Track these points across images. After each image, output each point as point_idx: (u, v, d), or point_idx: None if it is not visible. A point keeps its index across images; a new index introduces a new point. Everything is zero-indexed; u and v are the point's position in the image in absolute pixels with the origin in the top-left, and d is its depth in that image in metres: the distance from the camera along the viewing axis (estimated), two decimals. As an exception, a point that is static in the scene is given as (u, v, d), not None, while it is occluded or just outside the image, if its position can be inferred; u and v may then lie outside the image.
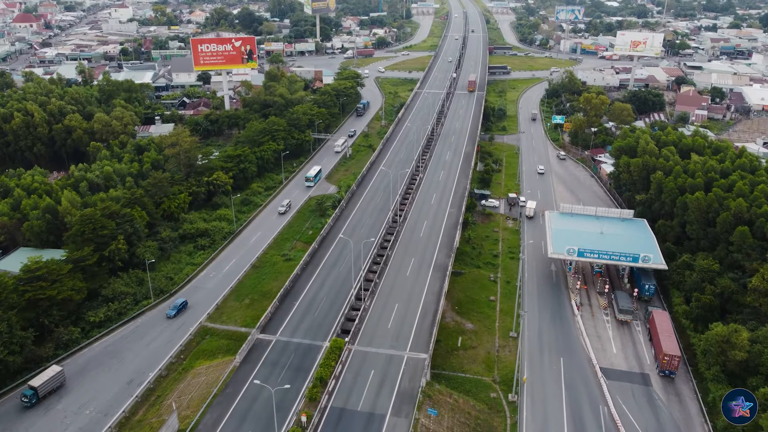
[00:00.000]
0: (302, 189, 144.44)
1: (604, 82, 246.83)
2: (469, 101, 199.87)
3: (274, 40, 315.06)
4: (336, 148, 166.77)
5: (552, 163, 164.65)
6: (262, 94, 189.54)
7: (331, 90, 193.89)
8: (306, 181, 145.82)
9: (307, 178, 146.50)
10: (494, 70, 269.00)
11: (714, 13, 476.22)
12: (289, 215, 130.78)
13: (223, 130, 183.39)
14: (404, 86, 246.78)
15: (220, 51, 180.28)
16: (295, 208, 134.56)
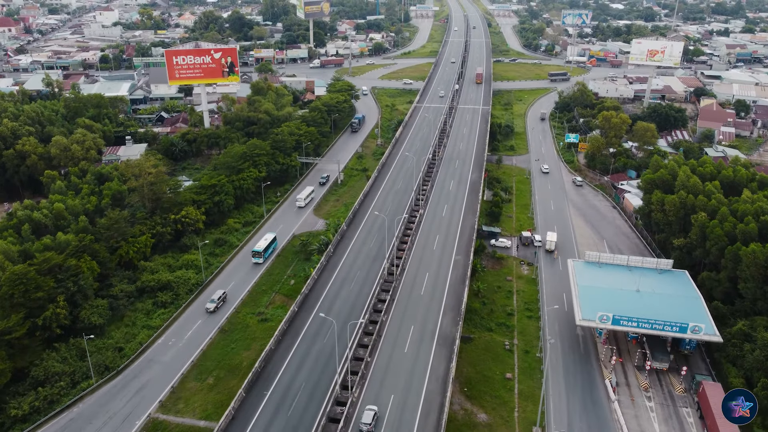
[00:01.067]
0: (286, 224, 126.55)
1: (618, 93, 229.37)
2: (473, 117, 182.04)
3: (264, 47, 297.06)
4: (298, 203, 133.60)
5: (568, 189, 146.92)
6: (245, 110, 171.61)
7: (322, 105, 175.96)
8: (253, 257, 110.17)
9: (254, 253, 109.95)
10: (555, 76, 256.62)
11: (724, 17, 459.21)
12: (269, 258, 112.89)
13: (201, 150, 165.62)
14: (402, 97, 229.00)
15: (197, 63, 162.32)
16: (278, 247, 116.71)
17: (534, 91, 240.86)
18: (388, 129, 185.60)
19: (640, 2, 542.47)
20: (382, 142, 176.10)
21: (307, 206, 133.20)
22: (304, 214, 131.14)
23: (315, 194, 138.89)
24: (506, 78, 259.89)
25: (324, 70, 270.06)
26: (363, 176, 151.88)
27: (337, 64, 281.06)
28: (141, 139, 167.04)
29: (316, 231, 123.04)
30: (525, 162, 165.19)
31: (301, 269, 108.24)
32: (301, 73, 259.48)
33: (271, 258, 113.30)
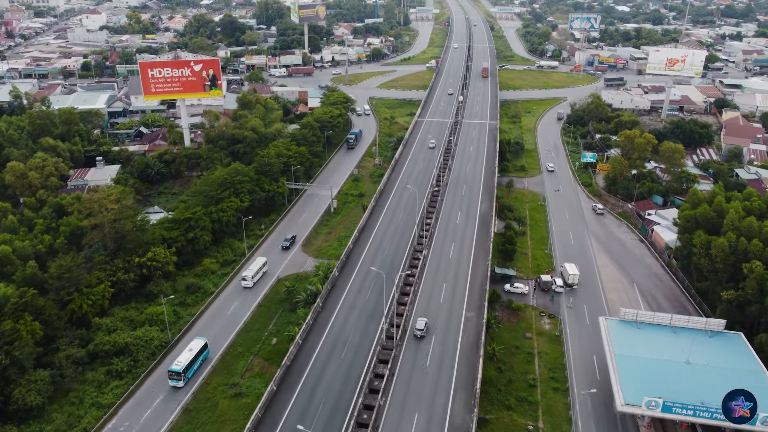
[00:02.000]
0: (270, 264, 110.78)
1: (633, 104, 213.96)
2: (480, 133, 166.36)
3: (256, 52, 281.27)
4: (245, 282, 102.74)
5: (587, 219, 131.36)
6: (230, 127, 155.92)
7: (314, 122, 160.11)
8: (170, 379, 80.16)
9: (171, 374, 79.92)
10: (611, 81, 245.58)
11: (734, 20, 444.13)
12: (248, 309, 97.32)
13: (181, 172, 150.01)
14: (402, 109, 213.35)
15: (175, 77, 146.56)
16: (260, 294, 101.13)
17: (542, 102, 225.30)
18: (386, 146, 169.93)
19: (646, 5, 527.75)
20: (380, 162, 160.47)
21: (256, 285, 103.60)
22: (291, 253, 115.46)
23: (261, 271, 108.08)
24: (512, 87, 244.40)
25: (318, 76, 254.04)
26: (359, 203, 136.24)
27: (306, 73, 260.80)
28: (114, 159, 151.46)
29: (304, 273, 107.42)
30: (538, 184, 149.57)
31: (286, 324, 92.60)
32: (295, 81, 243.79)
33: (253, 304, 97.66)
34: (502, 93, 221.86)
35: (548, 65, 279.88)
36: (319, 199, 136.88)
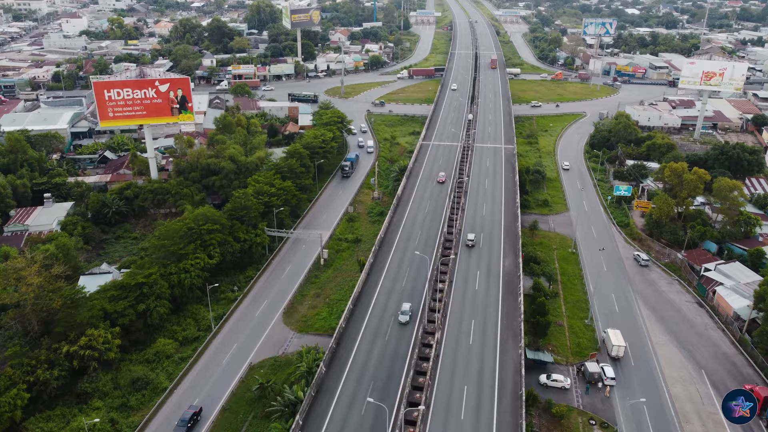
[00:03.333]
0: (241, 344, 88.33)
1: (662, 122, 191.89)
2: (495, 161, 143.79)
3: (244, 61, 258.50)
4: None
5: (630, 273, 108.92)
6: (204, 156, 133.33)
7: (303, 149, 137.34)
8: None
9: None
10: None
11: (751, 23, 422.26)
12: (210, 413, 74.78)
13: (145, 209, 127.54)
14: (404, 127, 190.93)
15: (137, 99, 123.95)
16: (226, 390, 78.62)
17: (560, 119, 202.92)
18: (387, 175, 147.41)
19: (656, 7, 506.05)
20: (379, 195, 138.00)
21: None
22: (269, 323, 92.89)
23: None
24: (524, 100, 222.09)
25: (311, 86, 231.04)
26: (354, 252, 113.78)
27: (253, 86, 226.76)
28: (67, 194, 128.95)
29: (284, 357, 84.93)
30: (565, 225, 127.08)
31: (257, 440, 70.11)
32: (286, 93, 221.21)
33: (214, 413, 75.06)
34: (514, 107, 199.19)
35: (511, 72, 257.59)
36: (306, 246, 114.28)
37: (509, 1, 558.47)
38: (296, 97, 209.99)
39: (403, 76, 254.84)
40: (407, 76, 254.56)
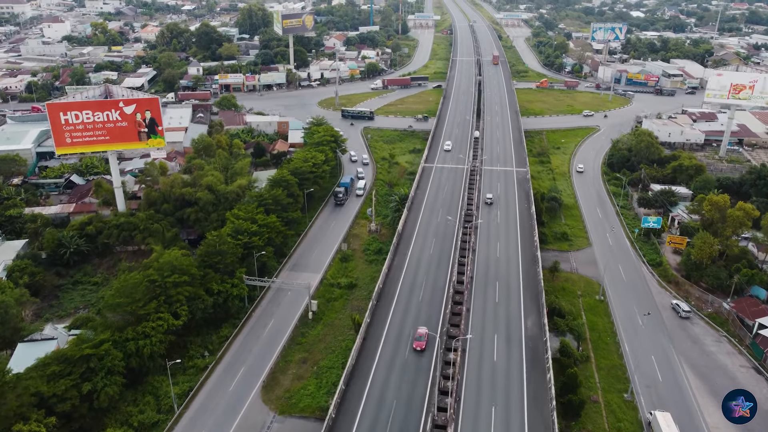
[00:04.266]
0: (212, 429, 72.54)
1: (684, 137, 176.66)
2: (507, 189, 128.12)
3: (232, 69, 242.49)
4: None
5: (670, 327, 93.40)
6: (178, 185, 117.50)
7: (291, 176, 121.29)
8: None
9: None
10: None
11: (762, 27, 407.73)
12: None
13: (110, 247, 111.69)
14: (404, 144, 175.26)
15: (99, 122, 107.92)
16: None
17: (572, 132, 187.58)
18: (385, 203, 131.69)
19: (661, 9, 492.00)
20: (377, 227, 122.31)
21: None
22: (246, 401, 77.07)
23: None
24: (532, 112, 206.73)
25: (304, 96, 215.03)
26: (348, 299, 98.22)
27: (202, 100, 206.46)
28: (21, 229, 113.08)
29: (261, 449, 69.25)
30: (589, 263, 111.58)
31: None
32: (277, 104, 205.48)
33: None
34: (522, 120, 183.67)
35: None
36: (292, 294, 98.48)
37: (510, 4, 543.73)
38: (350, 114, 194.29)
39: (377, 86, 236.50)
40: (381, 86, 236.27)
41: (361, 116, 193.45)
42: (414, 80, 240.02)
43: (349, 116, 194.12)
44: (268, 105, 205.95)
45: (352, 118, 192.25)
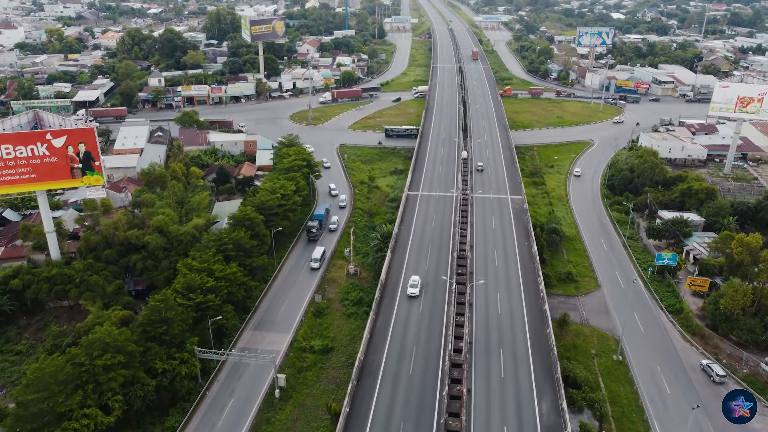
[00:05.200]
0: None
1: (685, 153, 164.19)
2: (503, 223, 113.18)
3: (197, 80, 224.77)
4: None
5: (702, 393, 79.26)
6: (122, 227, 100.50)
7: (255, 213, 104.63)
8: None
9: None
10: None
11: (745, 29, 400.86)
12: None
13: (42, 304, 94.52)
14: (384, 164, 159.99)
15: (22, 158, 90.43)
16: None
17: (564, 148, 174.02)
18: (365, 237, 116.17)
19: (641, 11, 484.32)
20: (356, 269, 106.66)
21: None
22: None
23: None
24: (520, 124, 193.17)
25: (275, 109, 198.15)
26: (323, 367, 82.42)
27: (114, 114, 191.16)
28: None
29: None
30: (600, 311, 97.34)
31: None
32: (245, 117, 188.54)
33: None
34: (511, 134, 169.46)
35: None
36: (256, 364, 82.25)
37: (488, 5, 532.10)
38: (395, 133, 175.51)
39: (326, 99, 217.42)
40: (330, 99, 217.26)
41: (408, 135, 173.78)
42: (365, 91, 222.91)
43: (393, 135, 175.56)
44: (236, 119, 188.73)
45: (397, 137, 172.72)
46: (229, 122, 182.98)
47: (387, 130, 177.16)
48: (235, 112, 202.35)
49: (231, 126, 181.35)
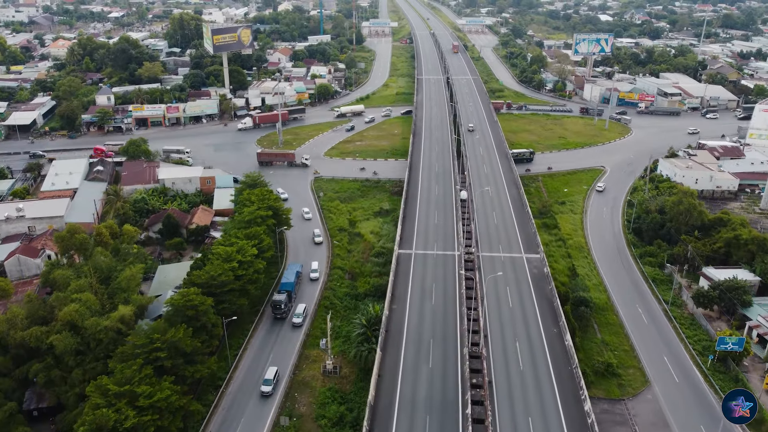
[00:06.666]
0: None
1: (713, 184, 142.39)
2: (521, 292, 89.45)
3: (150, 97, 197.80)
4: None
5: None
6: (21, 322, 74.81)
7: (199, 299, 78.95)
8: None
9: None
10: None
11: (738, 31, 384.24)
12: None
13: None
14: (367, 201, 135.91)
15: None
16: None
17: (573, 177, 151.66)
18: (346, 316, 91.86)
19: (629, 13, 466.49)
20: (334, 365, 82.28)
21: None
22: None
23: None
24: (519, 145, 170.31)
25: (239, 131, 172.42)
26: None
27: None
28: None
29: None
30: (657, 424, 74.09)
31: None
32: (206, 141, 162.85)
33: None
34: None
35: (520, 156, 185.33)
36: None
37: (470, 7, 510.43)
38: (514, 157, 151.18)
39: (245, 125, 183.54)
40: (251, 125, 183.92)
41: (522, 159, 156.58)
42: (292, 113, 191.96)
43: (524, 161, 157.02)
44: (193, 144, 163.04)
45: (517, 162, 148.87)
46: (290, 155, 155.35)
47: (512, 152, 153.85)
48: (194, 135, 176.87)
49: (293, 158, 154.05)
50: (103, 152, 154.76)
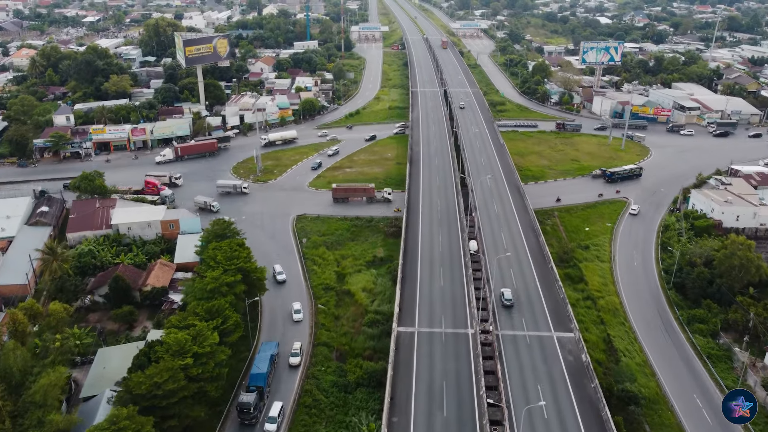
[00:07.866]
0: None
1: (757, 221, 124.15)
2: (555, 394, 69.94)
3: (113, 117, 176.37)
4: None
5: None
6: None
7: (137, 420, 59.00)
8: None
9: None
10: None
11: (744, 35, 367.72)
12: None
13: None
14: (358, 245, 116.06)
15: None
16: None
17: (594, 210, 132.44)
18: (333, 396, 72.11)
19: (628, 14, 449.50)
20: (319, 501, 62.12)
21: None
22: None
23: None
24: (529, 172, 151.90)
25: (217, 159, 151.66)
26: None
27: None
28: None
29: None
30: None
31: None
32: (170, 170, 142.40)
33: None
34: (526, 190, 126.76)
35: None
36: None
37: (463, 10, 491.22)
38: (618, 176, 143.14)
39: (166, 157, 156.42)
40: (173, 157, 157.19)
41: (629, 175, 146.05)
42: (220, 142, 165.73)
43: (617, 178, 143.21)
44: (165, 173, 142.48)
45: (621, 180, 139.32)
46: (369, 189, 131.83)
47: (605, 172, 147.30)
48: (162, 164, 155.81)
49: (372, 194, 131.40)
50: (155, 186, 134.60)
